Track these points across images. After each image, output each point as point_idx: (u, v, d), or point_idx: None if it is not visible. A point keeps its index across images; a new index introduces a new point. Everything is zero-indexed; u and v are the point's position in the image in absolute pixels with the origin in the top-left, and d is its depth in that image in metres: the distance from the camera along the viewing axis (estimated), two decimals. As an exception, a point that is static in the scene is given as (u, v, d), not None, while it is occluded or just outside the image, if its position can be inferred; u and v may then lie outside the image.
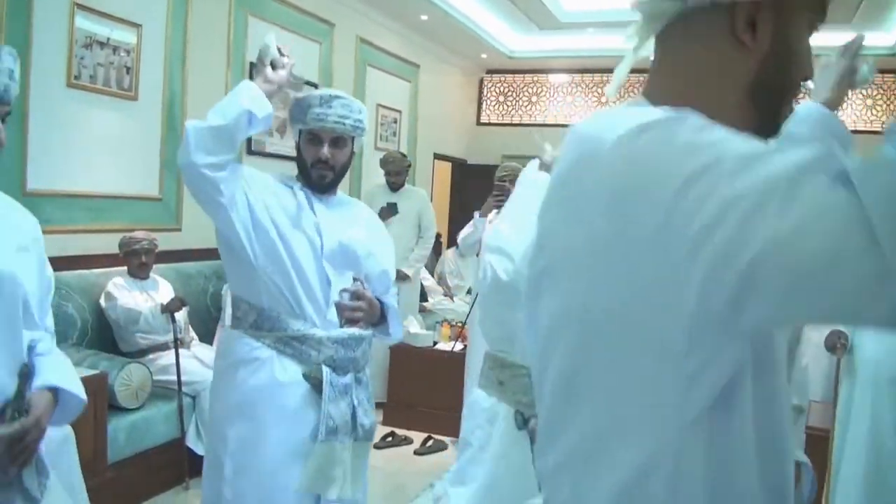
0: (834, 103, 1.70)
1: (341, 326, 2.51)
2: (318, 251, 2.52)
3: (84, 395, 1.91)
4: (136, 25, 5.12)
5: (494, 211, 5.22)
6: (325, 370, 2.46)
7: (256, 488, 2.43)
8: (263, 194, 2.50)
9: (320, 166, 2.58)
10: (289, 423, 2.45)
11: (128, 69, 5.07)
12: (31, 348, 1.84)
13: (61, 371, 1.88)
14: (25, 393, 1.74)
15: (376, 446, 5.37)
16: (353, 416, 2.50)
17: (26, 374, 1.76)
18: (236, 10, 6.08)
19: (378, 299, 2.64)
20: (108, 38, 4.92)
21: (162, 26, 5.36)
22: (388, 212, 6.06)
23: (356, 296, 2.52)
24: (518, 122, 11.37)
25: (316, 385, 2.46)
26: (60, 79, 4.63)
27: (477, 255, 5.66)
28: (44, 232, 2.01)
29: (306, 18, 7.00)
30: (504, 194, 5.22)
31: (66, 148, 4.69)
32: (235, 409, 2.47)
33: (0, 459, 1.65)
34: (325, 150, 2.56)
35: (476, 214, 5.51)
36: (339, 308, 2.51)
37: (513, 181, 5.34)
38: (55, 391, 1.83)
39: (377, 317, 2.63)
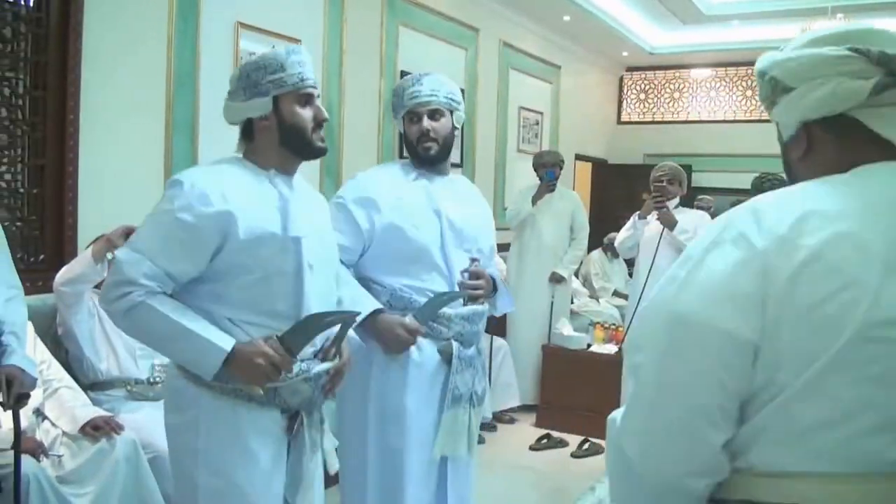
0: None
1: (464, 304, 2.71)
2: (441, 232, 2.72)
3: (359, 340, 2.53)
4: (296, 41, 5.31)
5: (654, 212, 5.16)
6: (455, 344, 2.69)
7: (395, 449, 2.67)
8: (388, 205, 2.69)
9: (424, 139, 2.74)
10: (420, 392, 2.68)
11: (288, 81, 5.26)
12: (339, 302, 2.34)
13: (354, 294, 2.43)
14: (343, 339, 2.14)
15: (532, 448, 5.41)
16: (471, 384, 2.75)
17: (349, 322, 2.15)
18: (388, 22, 6.25)
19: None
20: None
21: (319, 40, 5.57)
22: (546, 188, 6.05)
23: (475, 275, 2.71)
24: (660, 119, 11.18)
25: (447, 359, 2.69)
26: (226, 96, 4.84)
27: (634, 258, 5.62)
28: None
29: (453, 25, 7.11)
30: (663, 195, 5.17)
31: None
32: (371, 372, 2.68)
33: (323, 387, 2.12)
34: (425, 123, 2.72)
35: (635, 216, 5.44)
36: (463, 287, 2.70)
37: (671, 181, 5.29)
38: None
39: (491, 290, 2.83)
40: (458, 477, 2.80)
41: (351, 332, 2.36)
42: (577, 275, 8.06)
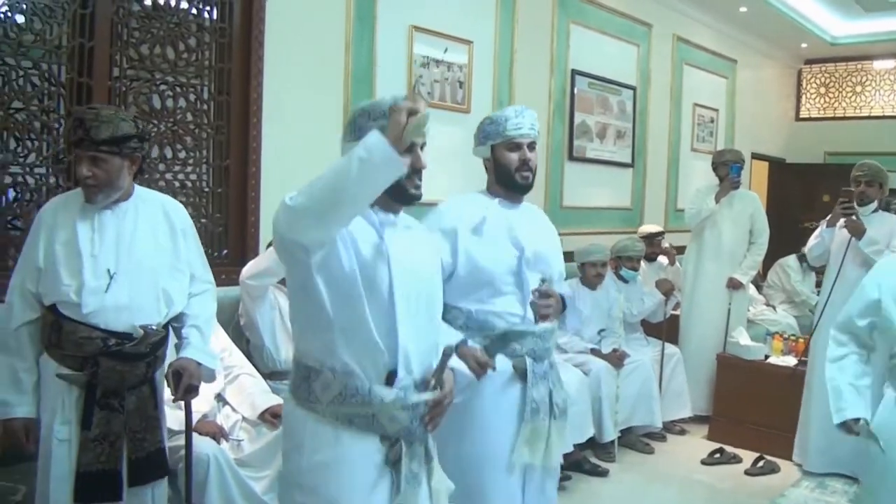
0: None
1: (535, 322, 2.82)
2: (520, 258, 2.84)
3: (472, 375, 2.52)
4: (468, 42, 5.34)
5: (843, 220, 4.81)
6: (528, 360, 2.81)
7: (472, 458, 2.79)
8: (469, 235, 2.82)
9: (524, 168, 2.87)
10: (494, 403, 2.81)
11: (461, 84, 5.30)
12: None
13: (455, 358, 2.35)
14: (444, 368, 2.18)
15: (704, 462, 5.20)
16: (549, 397, 2.85)
17: (449, 353, 2.17)
18: (559, 19, 6.17)
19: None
20: (443, 58, 5.17)
21: (491, 41, 5.57)
22: (730, 185, 5.80)
23: (545, 294, 2.78)
24: (841, 115, 10.58)
25: (521, 374, 2.80)
26: (401, 97, 4.91)
27: (823, 267, 5.29)
28: None
29: (625, 21, 6.95)
30: (851, 200, 4.81)
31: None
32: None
33: (422, 419, 2.13)
34: (528, 153, 2.87)
35: (822, 224, 5.09)
36: (534, 307, 2.80)
37: (869, 182, 4.91)
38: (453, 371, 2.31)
39: (561, 309, 2.92)
40: (535, 487, 2.88)
41: (463, 368, 2.45)
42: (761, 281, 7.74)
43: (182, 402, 2.81)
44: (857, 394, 2.79)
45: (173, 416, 3.14)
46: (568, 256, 3.49)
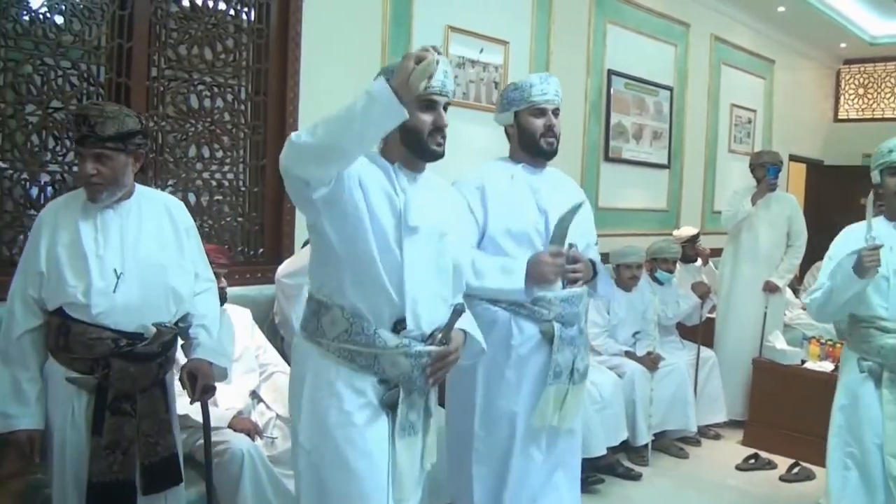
0: None
1: (563, 287, 2.86)
2: (546, 222, 2.87)
3: (484, 344, 2.46)
4: (504, 43, 5.33)
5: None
6: (556, 325, 2.84)
7: (501, 417, 2.88)
8: (497, 198, 2.87)
9: (549, 134, 2.89)
10: (521, 367, 2.87)
11: (496, 84, 5.29)
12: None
13: (471, 323, 2.42)
14: (452, 325, 2.22)
15: (738, 467, 5.15)
16: (573, 362, 2.88)
17: (459, 311, 2.23)
18: (596, 19, 6.15)
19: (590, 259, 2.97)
20: (479, 59, 5.16)
21: (527, 41, 5.56)
22: (767, 187, 5.73)
23: (573, 259, 2.79)
24: (880, 116, 10.44)
25: (549, 339, 2.85)
26: (437, 96, 4.93)
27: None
28: None
29: (662, 21, 6.90)
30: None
31: (441, 160, 4.94)
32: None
33: (425, 369, 2.19)
34: (553, 119, 2.89)
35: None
36: (562, 270, 2.80)
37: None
38: (465, 334, 2.36)
39: (591, 274, 2.94)
40: (558, 449, 2.95)
41: (476, 333, 2.44)
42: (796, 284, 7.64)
43: (200, 404, 2.79)
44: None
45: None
46: (603, 258, 3.47)
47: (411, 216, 2.16)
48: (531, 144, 2.91)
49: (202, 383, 2.65)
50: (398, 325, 2.15)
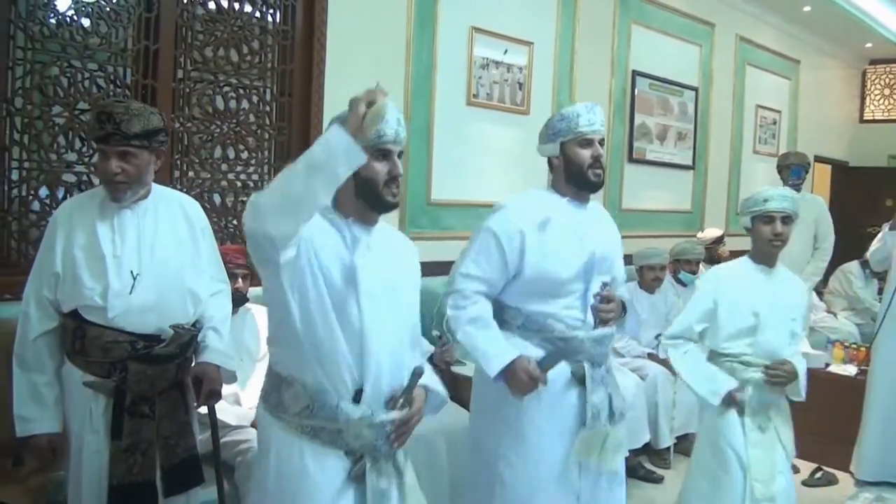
0: None
1: (595, 327, 2.78)
2: (587, 261, 2.78)
3: (446, 395, 2.34)
4: (528, 44, 5.33)
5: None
6: (587, 365, 2.76)
7: (528, 461, 2.78)
8: (536, 238, 2.76)
9: (596, 165, 2.81)
10: (551, 407, 2.77)
11: (520, 85, 5.29)
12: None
13: (430, 376, 2.30)
14: (413, 387, 2.15)
15: (761, 471, 5.12)
16: (609, 402, 2.81)
17: (419, 373, 2.15)
18: (621, 20, 6.13)
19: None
20: (503, 59, 5.16)
21: (551, 42, 5.55)
22: (791, 188, 5.68)
23: (607, 299, 2.75)
24: (906, 117, 10.34)
25: (580, 379, 2.77)
26: (461, 98, 4.95)
27: (883, 274, 5.18)
28: (444, 238, 2.25)
29: (687, 21, 6.87)
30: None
31: (465, 161, 4.98)
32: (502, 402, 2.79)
33: (388, 437, 2.10)
34: (600, 149, 2.82)
35: (885, 227, 4.97)
36: (595, 311, 2.77)
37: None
38: (425, 390, 2.26)
39: (621, 313, 2.88)
40: (600, 494, 2.85)
41: (437, 386, 2.34)
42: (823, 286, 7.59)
43: (215, 406, 2.79)
44: (718, 372, 3.18)
45: (231, 413, 3.17)
46: (627, 259, 3.47)
47: (370, 280, 2.11)
48: (578, 176, 2.82)
49: (207, 388, 2.62)
50: (358, 394, 2.09)
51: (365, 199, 2.14)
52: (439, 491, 3.51)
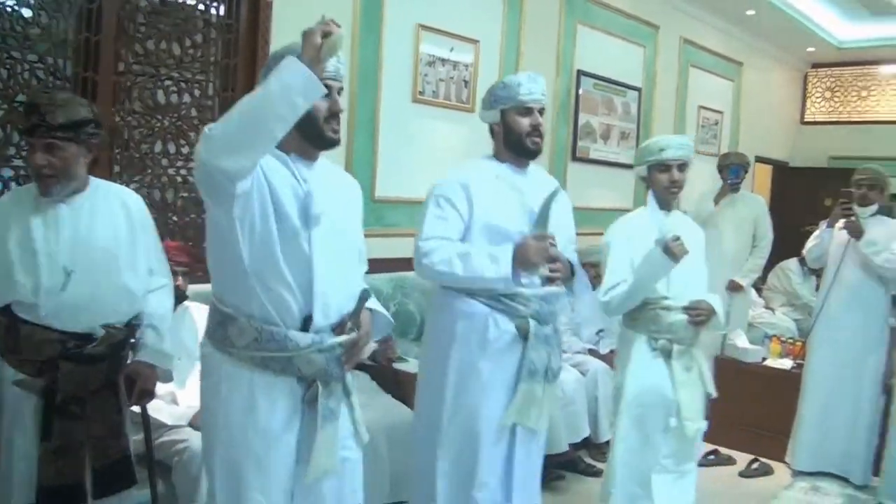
0: None
1: (542, 285, 2.86)
2: (531, 219, 2.85)
3: (390, 315, 2.43)
4: (474, 42, 5.36)
5: (842, 220, 4.84)
6: (532, 322, 2.83)
7: (470, 411, 2.85)
8: (482, 199, 2.84)
9: (535, 133, 2.89)
10: (496, 362, 2.84)
11: (466, 83, 5.32)
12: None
13: (373, 300, 2.35)
14: (360, 311, 2.22)
15: (698, 463, 5.20)
16: (548, 360, 2.87)
17: (365, 297, 2.23)
18: (566, 20, 6.20)
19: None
20: (449, 57, 5.19)
21: (497, 40, 5.60)
22: (729, 188, 5.83)
23: (552, 258, 2.78)
24: (846, 119, 10.58)
25: (524, 335, 2.83)
26: (406, 95, 4.96)
27: (819, 271, 5.33)
28: (389, 235, 2.32)
29: (631, 22, 6.97)
30: (851, 201, 4.84)
31: (410, 158, 5.00)
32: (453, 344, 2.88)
33: (339, 359, 2.16)
34: (539, 118, 2.89)
35: (822, 225, 5.11)
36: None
37: (871, 186, 4.96)
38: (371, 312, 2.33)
39: (569, 274, 2.94)
40: (526, 451, 2.95)
41: (382, 310, 2.41)
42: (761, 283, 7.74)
43: (151, 405, 2.78)
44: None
45: (167, 412, 3.14)
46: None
47: (315, 205, 2.13)
48: (517, 144, 2.91)
49: (140, 387, 2.60)
50: (307, 322, 2.12)
51: (305, 135, 2.15)
52: (379, 488, 3.53)
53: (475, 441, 2.84)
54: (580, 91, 6.40)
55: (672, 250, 3.15)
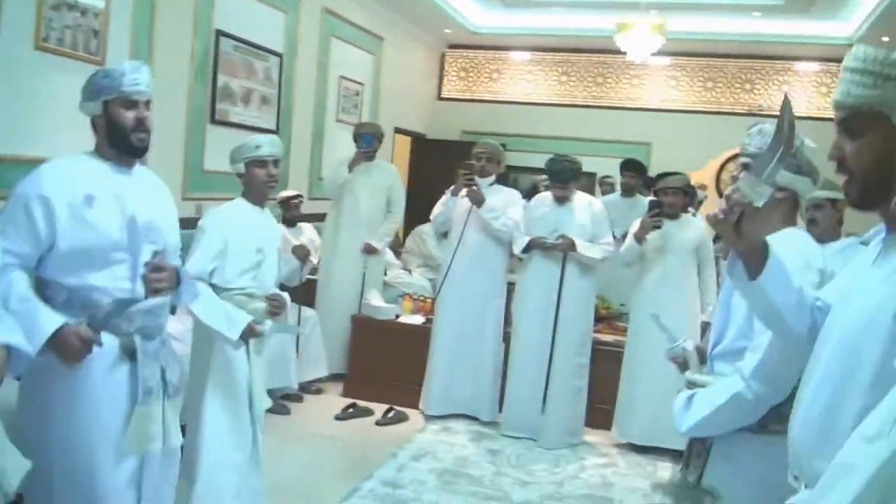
0: None
1: (146, 297, 2.66)
2: (131, 230, 2.64)
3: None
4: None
5: (465, 189, 5.31)
6: (137, 338, 2.64)
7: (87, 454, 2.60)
8: (71, 203, 2.56)
9: (141, 129, 2.67)
10: (104, 388, 2.61)
11: (95, 32, 4.97)
12: None
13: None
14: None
15: (337, 417, 5.44)
16: (162, 376, 2.73)
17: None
18: (204, -23, 6.00)
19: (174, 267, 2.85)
20: (77, 1, 4.82)
21: (128, -6, 5.26)
22: (363, 156, 6.12)
23: (158, 267, 2.69)
24: (479, 98, 11.39)
25: (130, 353, 2.64)
26: (28, 41, 4.53)
27: (446, 234, 5.77)
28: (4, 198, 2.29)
29: (272, -13, 6.93)
30: (473, 173, 5.35)
31: (32, 112, 4.60)
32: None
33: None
34: (145, 112, 2.67)
35: (448, 192, 5.59)
36: (146, 280, 2.67)
37: (489, 159, 5.52)
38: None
39: (175, 282, 2.80)
40: (153, 473, 2.75)
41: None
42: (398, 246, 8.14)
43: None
44: (234, 309, 3.46)
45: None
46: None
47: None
48: (121, 140, 2.65)
49: None
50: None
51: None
52: None
53: (91, 470, 2.59)
54: (219, 52, 6.24)
55: None
